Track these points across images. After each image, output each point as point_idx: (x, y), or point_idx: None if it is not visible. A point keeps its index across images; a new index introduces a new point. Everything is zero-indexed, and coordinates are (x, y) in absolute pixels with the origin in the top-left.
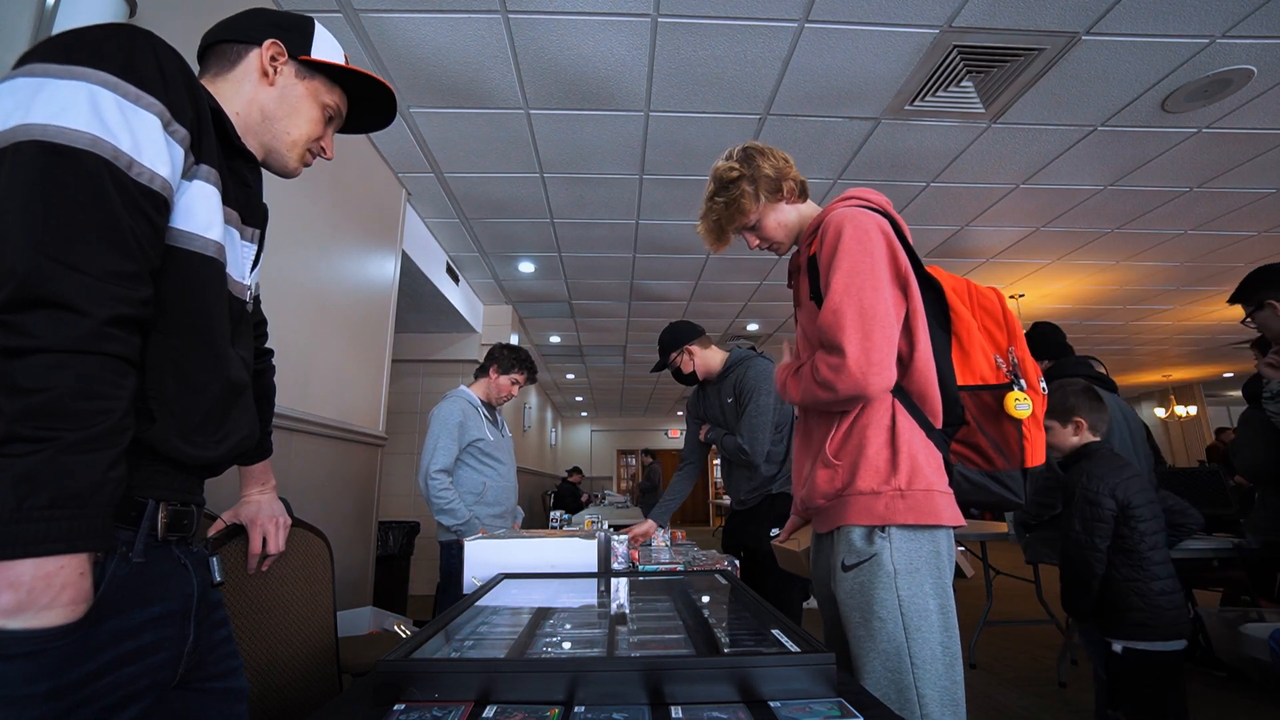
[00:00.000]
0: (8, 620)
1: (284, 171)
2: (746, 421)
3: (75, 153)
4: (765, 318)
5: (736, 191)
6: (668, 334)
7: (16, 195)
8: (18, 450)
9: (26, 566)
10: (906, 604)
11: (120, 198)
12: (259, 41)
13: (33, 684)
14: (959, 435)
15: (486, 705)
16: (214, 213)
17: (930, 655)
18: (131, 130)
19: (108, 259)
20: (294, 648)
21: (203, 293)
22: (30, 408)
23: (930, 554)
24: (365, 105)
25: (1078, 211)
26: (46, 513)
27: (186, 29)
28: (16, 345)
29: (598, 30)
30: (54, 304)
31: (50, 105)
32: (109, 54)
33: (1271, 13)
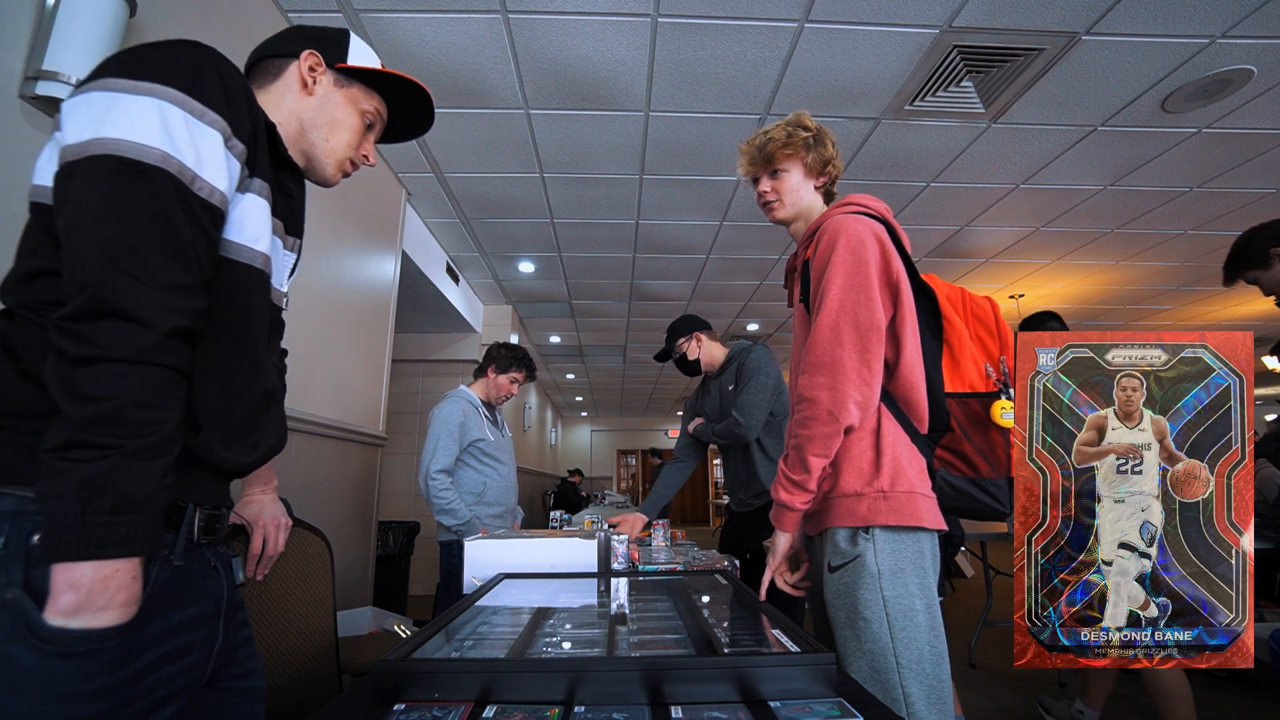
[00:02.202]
0: (67, 620)
1: (322, 180)
2: (745, 397)
3: (146, 168)
4: (765, 318)
5: (803, 134)
6: (679, 322)
7: (92, 208)
8: (81, 456)
9: (87, 569)
10: (891, 604)
11: (184, 212)
12: (297, 54)
13: (87, 681)
14: (945, 442)
15: (486, 705)
16: (263, 225)
17: (916, 655)
18: (196, 146)
19: (169, 272)
20: (294, 648)
21: (249, 303)
22: (95, 415)
23: (914, 554)
24: (404, 111)
25: (1078, 211)
26: (108, 518)
27: (187, 29)
28: (84, 354)
29: (598, 30)
30: (120, 315)
31: (124, 121)
32: (177, 71)
33: (1271, 13)
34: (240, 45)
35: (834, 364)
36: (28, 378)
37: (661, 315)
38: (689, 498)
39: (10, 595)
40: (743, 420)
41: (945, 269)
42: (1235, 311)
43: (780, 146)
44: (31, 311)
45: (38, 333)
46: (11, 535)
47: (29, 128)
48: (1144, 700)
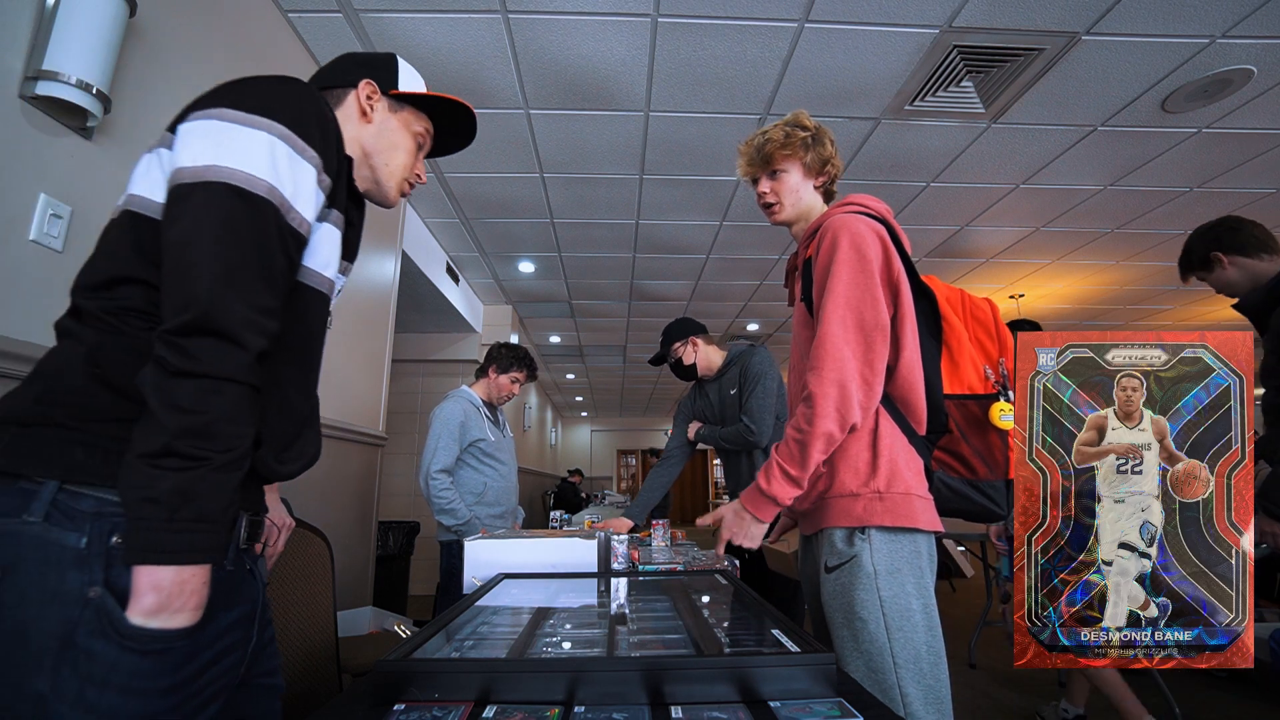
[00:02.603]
0: (147, 620)
1: (384, 202)
2: (753, 403)
3: (256, 198)
4: (765, 318)
5: (801, 134)
6: (674, 326)
7: (208, 232)
8: (174, 464)
9: (169, 572)
10: (888, 604)
11: (279, 240)
12: (354, 83)
13: (160, 678)
14: (943, 443)
15: (486, 705)
16: (334, 253)
17: (914, 654)
18: (295, 179)
19: (263, 296)
20: (294, 647)
21: (312, 325)
22: (189, 427)
23: (911, 555)
24: (449, 128)
25: (1078, 211)
26: (192, 525)
27: (187, 29)
28: (186, 368)
29: (598, 30)
30: (222, 335)
31: (239, 151)
32: (284, 108)
33: (1271, 13)
34: (240, 44)
35: (840, 362)
36: (104, 383)
37: (661, 315)
38: (689, 498)
39: (93, 593)
40: (754, 427)
41: (945, 269)
42: (1235, 312)
43: (778, 147)
44: (113, 317)
45: (120, 339)
46: (92, 535)
47: (29, 128)
48: (1144, 700)
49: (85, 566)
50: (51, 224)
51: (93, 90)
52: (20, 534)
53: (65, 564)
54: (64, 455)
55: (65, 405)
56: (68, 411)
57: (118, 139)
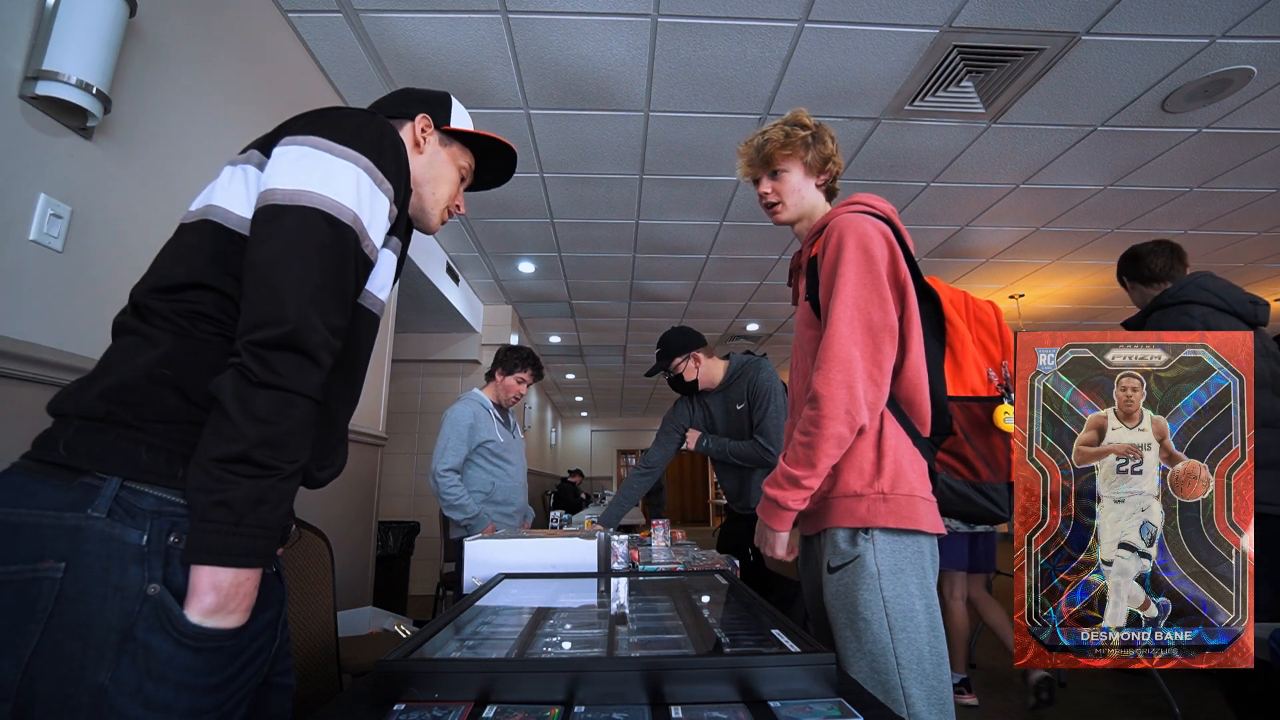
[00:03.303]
0: (204, 619)
1: (427, 229)
2: (769, 423)
3: (342, 225)
4: (765, 318)
5: (801, 133)
6: (674, 339)
7: (301, 253)
8: (247, 472)
9: (228, 574)
10: (891, 605)
11: (353, 265)
12: (412, 116)
13: (211, 675)
14: (946, 445)
15: (486, 705)
16: (390, 277)
17: (917, 655)
18: (372, 209)
19: (336, 317)
20: (295, 647)
21: (364, 343)
22: (266, 437)
23: (914, 555)
24: (489, 166)
25: (1078, 211)
26: (255, 531)
27: (187, 29)
28: (268, 380)
29: (598, 30)
30: (302, 352)
31: (331, 180)
32: (369, 141)
33: (1271, 13)
34: (240, 44)
35: (848, 363)
36: (169, 385)
37: (661, 315)
38: (689, 498)
39: (153, 590)
40: (773, 449)
41: (945, 269)
42: None
43: (779, 147)
44: (186, 320)
45: (191, 344)
46: (152, 532)
47: (29, 128)
48: (1145, 700)
49: (145, 563)
50: (51, 224)
51: (93, 90)
52: (84, 528)
53: (127, 559)
54: (128, 454)
55: (131, 404)
56: (134, 411)
57: (118, 139)
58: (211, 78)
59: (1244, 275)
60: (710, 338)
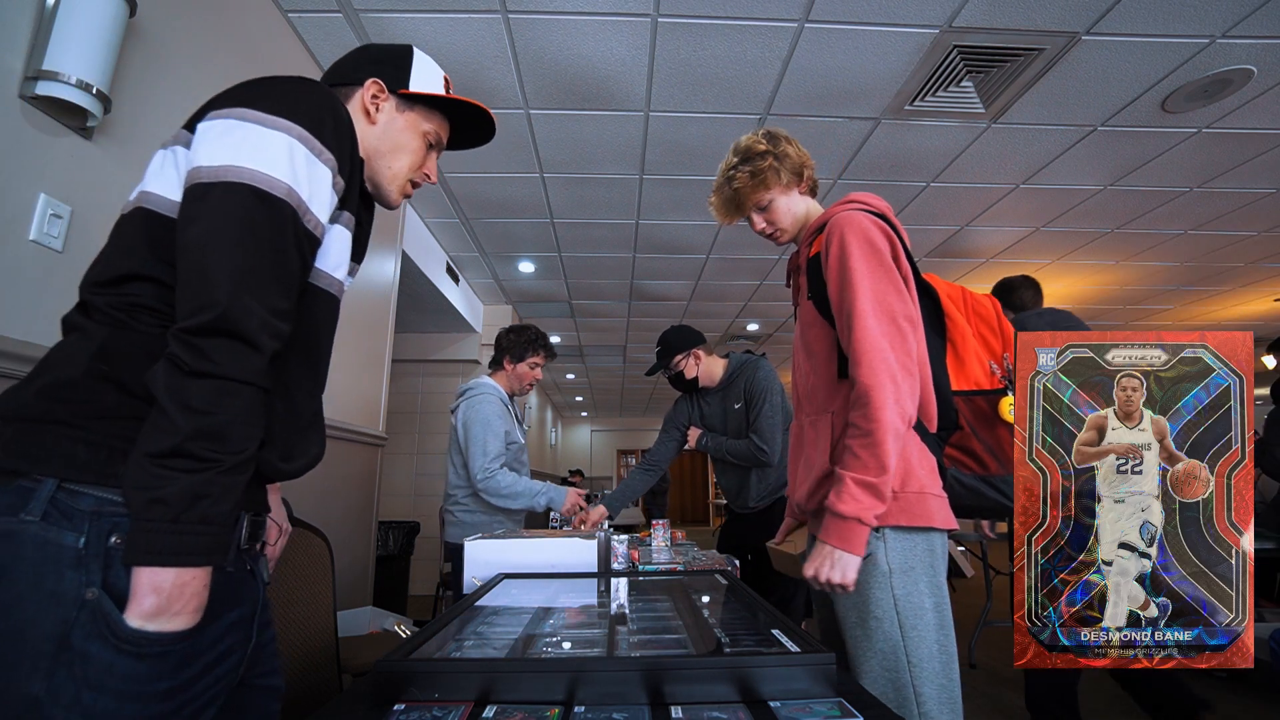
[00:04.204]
0: (146, 622)
1: (386, 204)
2: (763, 422)
3: (275, 200)
4: (765, 318)
5: (763, 164)
6: (675, 337)
7: (228, 232)
8: (184, 466)
9: (170, 574)
10: (902, 603)
11: (294, 242)
12: (361, 81)
13: (157, 682)
14: (953, 440)
15: (486, 705)
16: (344, 254)
17: (927, 654)
18: (311, 181)
19: (277, 297)
20: (294, 647)
21: (321, 326)
22: (202, 428)
23: (925, 553)
24: (464, 124)
25: (1078, 211)
26: (197, 527)
27: (187, 28)
28: (201, 368)
29: (598, 30)
30: (238, 337)
31: (259, 152)
32: (303, 109)
33: (1271, 13)
34: (240, 44)
35: (884, 354)
36: (109, 380)
37: (661, 315)
38: (689, 498)
39: (90, 594)
40: (766, 448)
41: (945, 269)
42: (1235, 311)
43: (752, 189)
44: (123, 313)
45: (126, 335)
46: (91, 534)
47: (29, 128)
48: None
49: (83, 567)
50: (51, 224)
51: (93, 90)
52: (17, 533)
53: (62, 564)
54: (65, 453)
55: (69, 402)
56: (71, 409)
57: (118, 139)
58: (211, 78)
59: (1244, 275)
60: (710, 338)
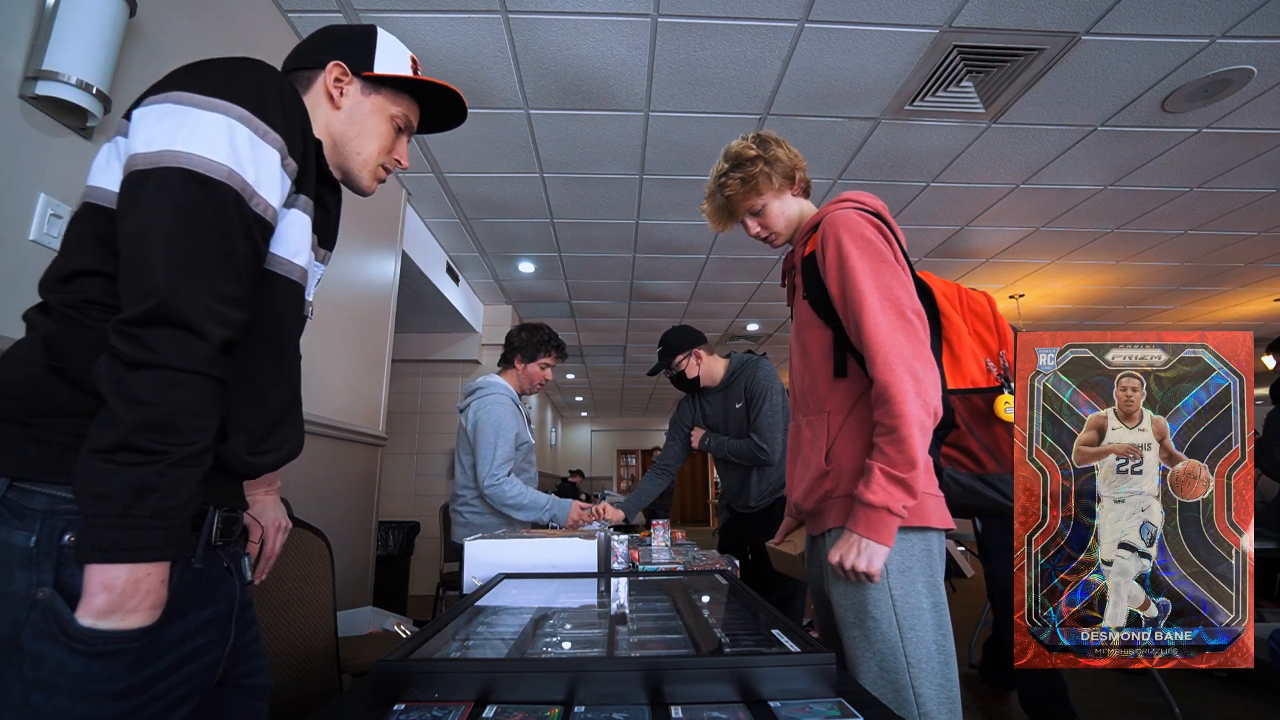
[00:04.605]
0: (98, 621)
1: (359, 190)
2: (763, 421)
3: (214, 183)
4: (765, 318)
5: (754, 169)
6: (675, 337)
7: (164, 219)
8: (129, 459)
9: (122, 571)
10: (900, 604)
11: (241, 227)
12: (324, 64)
13: (113, 681)
14: (950, 439)
15: (486, 705)
16: (304, 239)
17: (926, 654)
18: (256, 163)
19: (225, 284)
20: (294, 647)
21: (285, 314)
22: (147, 420)
23: (922, 553)
24: (434, 107)
25: (1078, 211)
26: (148, 522)
27: (187, 29)
28: (142, 359)
29: (598, 30)
30: (180, 325)
31: (195, 135)
32: (244, 90)
33: (1271, 13)
34: (240, 45)
35: (899, 348)
36: (62, 376)
37: (661, 315)
38: (689, 498)
39: (41, 594)
40: (766, 447)
41: (945, 269)
42: (1235, 311)
43: (745, 194)
44: (73, 310)
45: (79, 331)
46: (43, 533)
47: (29, 128)
48: (1145, 700)
49: (34, 566)
50: (51, 224)
51: (93, 90)
52: None
53: (12, 564)
54: (16, 451)
55: (20, 400)
56: (22, 405)
57: None
58: None
59: (1244, 275)
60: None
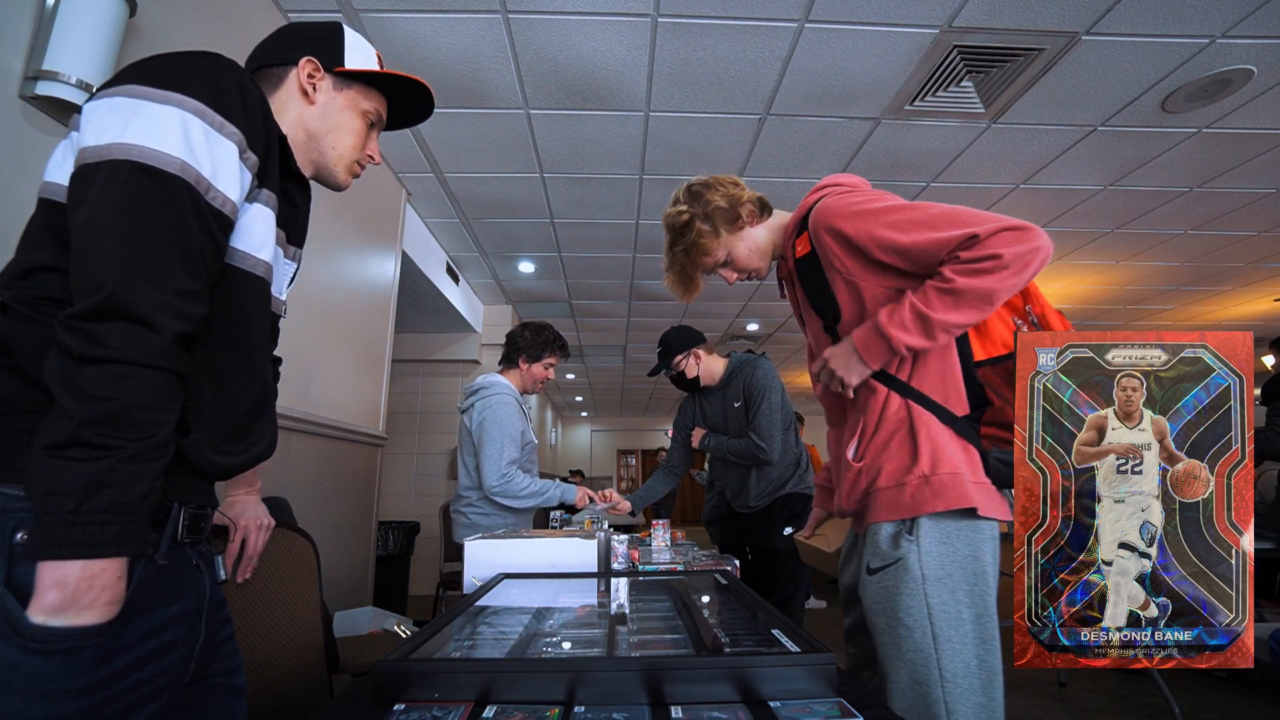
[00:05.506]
0: (50, 618)
1: (334, 185)
2: (761, 421)
3: (166, 176)
4: (765, 318)
5: (693, 234)
6: (675, 337)
7: (112, 212)
8: (81, 455)
9: (74, 567)
10: (936, 612)
11: (196, 220)
12: (295, 61)
13: (69, 679)
14: (987, 419)
15: (486, 705)
16: (268, 234)
17: (963, 669)
18: (213, 156)
19: (179, 278)
20: (279, 649)
21: (249, 309)
22: (98, 415)
23: (967, 558)
24: (403, 102)
25: (1078, 211)
26: (102, 517)
27: (187, 29)
28: (92, 354)
29: (598, 30)
30: (131, 318)
31: (146, 128)
32: (199, 83)
33: (1271, 13)
34: (240, 45)
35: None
36: (17, 373)
37: (661, 315)
38: (689, 498)
39: None
40: (765, 446)
41: None
42: (1235, 311)
43: (698, 258)
44: (28, 306)
45: (33, 328)
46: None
47: (29, 128)
48: (1145, 700)
49: None
50: None
51: (93, 90)
52: None
53: None
54: None
55: None
56: None
57: None
58: None
59: (1244, 275)
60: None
